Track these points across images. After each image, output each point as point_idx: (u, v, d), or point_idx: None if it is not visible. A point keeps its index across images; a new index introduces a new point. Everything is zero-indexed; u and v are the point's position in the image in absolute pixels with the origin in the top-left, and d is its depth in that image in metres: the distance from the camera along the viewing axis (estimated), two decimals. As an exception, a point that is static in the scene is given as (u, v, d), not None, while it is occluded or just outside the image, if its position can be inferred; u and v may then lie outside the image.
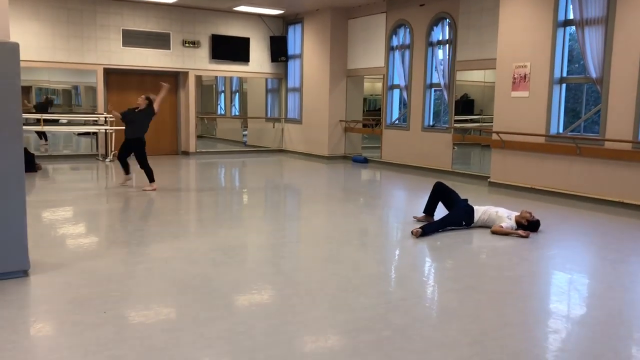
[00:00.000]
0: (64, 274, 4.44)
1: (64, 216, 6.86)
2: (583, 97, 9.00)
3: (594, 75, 7.96)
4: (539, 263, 5.19)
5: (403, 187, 9.82)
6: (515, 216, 6.10)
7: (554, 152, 8.48)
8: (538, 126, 8.68)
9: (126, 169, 8.96)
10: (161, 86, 9.08)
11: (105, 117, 12.41)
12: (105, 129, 12.38)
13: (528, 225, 6.01)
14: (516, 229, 5.97)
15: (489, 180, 9.56)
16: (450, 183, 9.86)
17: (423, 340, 3.34)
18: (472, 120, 12.56)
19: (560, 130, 8.63)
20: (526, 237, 5.82)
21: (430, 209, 6.60)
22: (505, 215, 6.10)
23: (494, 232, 5.99)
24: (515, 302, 4.07)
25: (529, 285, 4.53)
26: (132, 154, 8.76)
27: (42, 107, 12.68)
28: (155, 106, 8.90)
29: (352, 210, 7.61)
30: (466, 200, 6.46)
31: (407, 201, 8.74)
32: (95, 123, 12.59)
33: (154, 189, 8.55)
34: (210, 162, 13.01)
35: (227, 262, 4.94)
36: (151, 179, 8.64)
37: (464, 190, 9.07)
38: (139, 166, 8.72)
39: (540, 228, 6.09)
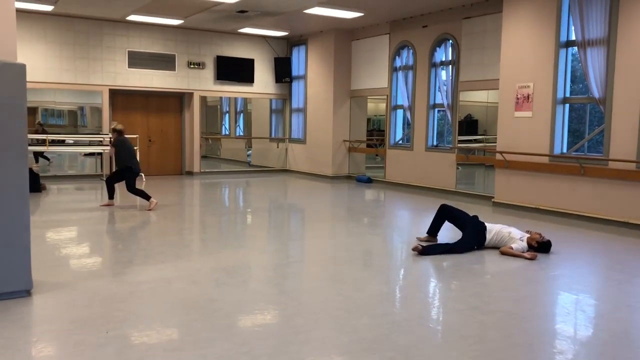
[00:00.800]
0: (66, 294, 4.44)
1: (68, 236, 6.87)
2: (586, 117, 9.02)
3: (597, 95, 7.98)
4: (544, 283, 5.16)
5: (407, 207, 9.81)
6: (527, 238, 6.07)
7: (558, 172, 8.47)
8: (542, 146, 8.69)
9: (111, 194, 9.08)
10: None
11: (111, 139, 12.47)
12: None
13: (538, 247, 5.97)
14: (527, 250, 5.93)
15: (492, 200, 9.55)
16: (454, 203, 9.85)
17: (427, 361, 3.31)
18: (476, 141, 12.57)
19: (564, 150, 8.63)
20: (532, 259, 5.77)
21: (434, 229, 6.59)
22: (518, 237, 6.05)
23: (502, 253, 5.95)
24: (520, 323, 4.03)
25: (534, 306, 4.50)
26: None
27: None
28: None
29: (356, 230, 7.59)
30: (476, 217, 6.40)
31: (411, 221, 8.71)
32: (100, 143, 12.66)
33: (156, 203, 8.73)
34: (215, 182, 13.04)
35: (230, 283, 4.92)
36: (147, 198, 8.76)
37: (468, 211, 9.07)
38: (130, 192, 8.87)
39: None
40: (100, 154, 12.94)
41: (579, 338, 3.84)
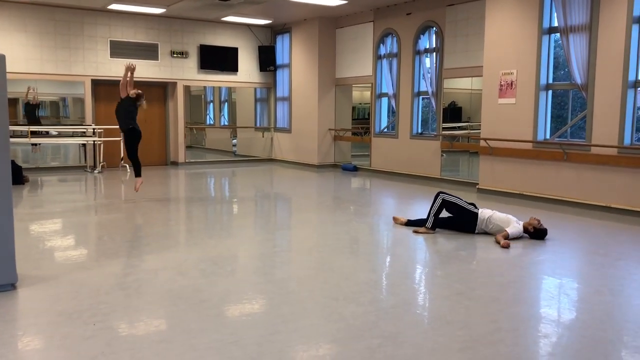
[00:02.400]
0: (52, 287, 4.41)
1: (52, 228, 6.81)
2: (569, 103, 9.10)
3: (579, 81, 8.05)
4: (528, 268, 5.22)
5: (393, 195, 9.85)
6: (524, 222, 6.09)
7: (541, 158, 8.56)
8: (525, 132, 8.76)
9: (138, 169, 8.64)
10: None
11: (94, 129, 12.36)
12: (94, 141, 12.32)
13: (534, 232, 6.01)
14: (523, 234, 5.98)
15: (477, 186, 9.62)
16: (438, 190, 9.93)
17: (414, 347, 3.34)
18: (460, 128, 12.64)
19: (547, 137, 8.71)
20: (505, 247, 5.73)
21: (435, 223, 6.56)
22: (514, 220, 6.08)
23: (497, 242, 5.89)
24: (506, 308, 4.09)
25: (519, 291, 4.56)
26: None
27: (30, 110, 12.59)
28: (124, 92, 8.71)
29: (342, 219, 7.61)
30: (473, 204, 6.45)
31: (397, 208, 8.75)
32: (83, 135, 12.52)
33: (141, 182, 8.60)
34: (200, 172, 12.99)
35: (218, 273, 4.92)
36: (138, 174, 8.57)
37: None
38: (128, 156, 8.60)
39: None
40: (83, 145, 12.80)
41: (562, 321, 3.90)
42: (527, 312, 4.07)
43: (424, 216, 6.58)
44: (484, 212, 6.27)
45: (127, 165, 12.60)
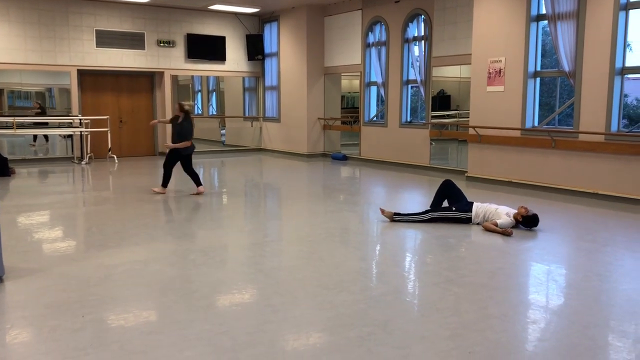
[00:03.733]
0: (40, 279, 4.37)
1: (40, 220, 6.75)
2: (557, 90, 9.13)
3: (567, 68, 8.08)
4: (517, 255, 5.26)
5: (382, 184, 9.86)
6: (514, 214, 6.06)
7: (530, 146, 8.59)
8: (513, 120, 8.79)
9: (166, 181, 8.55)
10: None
11: (81, 119, 12.24)
12: (81, 132, 12.21)
13: (523, 221, 6.00)
14: (514, 226, 5.98)
15: (466, 174, 9.65)
16: (428, 178, 9.97)
17: (404, 334, 3.36)
18: (449, 116, 12.66)
19: (536, 124, 8.75)
20: (508, 235, 5.76)
21: (437, 204, 6.57)
22: (504, 213, 6.05)
23: (485, 229, 5.94)
24: (495, 294, 4.11)
25: (508, 277, 4.59)
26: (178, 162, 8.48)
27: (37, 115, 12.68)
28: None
29: (332, 208, 7.61)
30: (471, 203, 6.41)
31: (387, 197, 8.77)
32: (70, 125, 12.40)
33: (201, 192, 8.39)
34: (189, 163, 12.88)
35: (207, 263, 4.91)
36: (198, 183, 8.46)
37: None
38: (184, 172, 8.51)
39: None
40: (70, 136, 12.68)
41: (551, 307, 3.93)
42: (516, 299, 4.10)
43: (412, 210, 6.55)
44: (477, 207, 6.25)
45: (115, 157, 12.51)
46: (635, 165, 7.39)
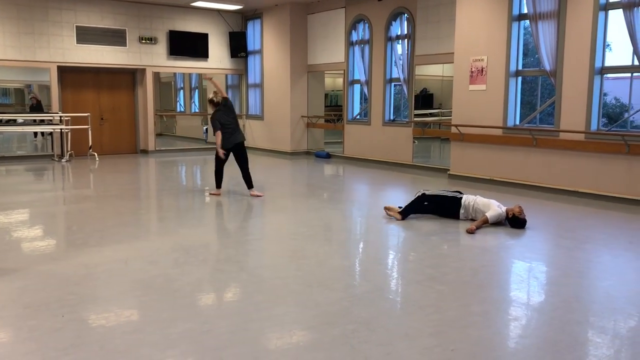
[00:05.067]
0: (19, 279, 4.31)
1: (19, 219, 6.64)
2: (538, 89, 9.23)
3: (548, 67, 8.16)
4: (498, 252, 5.30)
5: (366, 182, 9.88)
6: (507, 208, 6.09)
7: (511, 144, 8.67)
8: (495, 119, 8.86)
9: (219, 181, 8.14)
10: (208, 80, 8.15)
11: (61, 117, 12.07)
12: (61, 129, 12.05)
13: (512, 220, 6.00)
14: (504, 219, 6.02)
15: (448, 172, 9.71)
16: (410, 176, 10.02)
17: (387, 332, 3.37)
18: (431, 114, 12.73)
19: (517, 122, 8.83)
20: (470, 232, 5.77)
21: (407, 213, 6.48)
22: (495, 205, 6.09)
23: (469, 231, 5.82)
24: (477, 292, 4.14)
25: (490, 275, 4.63)
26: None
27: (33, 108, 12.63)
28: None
29: (316, 206, 7.61)
30: (457, 192, 6.46)
31: (370, 195, 8.79)
32: (50, 123, 12.23)
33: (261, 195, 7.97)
34: (171, 161, 12.82)
35: (190, 262, 4.87)
36: (251, 185, 8.05)
37: (424, 184, 9.21)
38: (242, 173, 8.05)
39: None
40: (50, 133, 12.50)
41: (532, 304, 3.97)
42: (498, 296, 4.13)
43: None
44: (468, 198, 6.27)
45: (96, 155, 12.37)
46: (614, 164, 7.50)
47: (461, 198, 6.31)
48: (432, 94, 13.57)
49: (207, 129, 16.35)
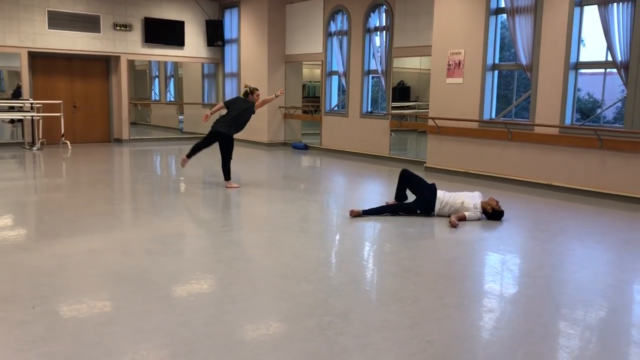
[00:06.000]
0: (-12, 269, 4.20)
1: (-12, 208, 6.48)
2: (514, 83, 9.31)
3: (524, 62, 8.24)
4: (473, 245, 5.35)
5: (342, 174, 9.88)
6: (482, 202, 6.08)
7: (487, 137, 8.75)
8: (472, 112, 8.92)
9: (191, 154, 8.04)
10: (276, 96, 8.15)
11: (32, 104, 11.79)
12: (32, 116, 11.77)
13: (492, 213, 6.01)
14: (482, 216, 6.03)
15: (425, 165, 9.76)
16: (387, 169, 10.05)
17: (363, 324, 3.37)
18: (408, 107, 12.77)
19: (493, 116, 8.90)
20: (453, 226, 5.77)
21: (400, 196, 6.50)
22: (472, 205, 6.03)
23: (451, 224, 5.79)
24: (452, 284, 4.18)
25: (465, 267, 4.66)
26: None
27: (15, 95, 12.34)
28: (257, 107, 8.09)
29: (292, 197, 7.58)
30: (433, 185, 6.36)
31: (347, 187, 8.79)
32: (21, 110, 11.94)
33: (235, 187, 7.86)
34: (146, 150, 12.65)
35: (164, 253, 4.81)
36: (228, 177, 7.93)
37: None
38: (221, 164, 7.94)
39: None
40: (21, 120, 12.21)
41: (506, 296, 4.02)
42: (473, 288, 4.17)
43: (379, 204, 6.47)
44: (444, 195, 6.19)
45: (68, 143, 12.13)
46: (587, 158, 7.62)
47: (436, 193, 6.24)
48: (409, 86, 13.61)
49: (182, 118, 16.19)
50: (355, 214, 6.10)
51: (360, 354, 2.97)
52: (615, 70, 7.44)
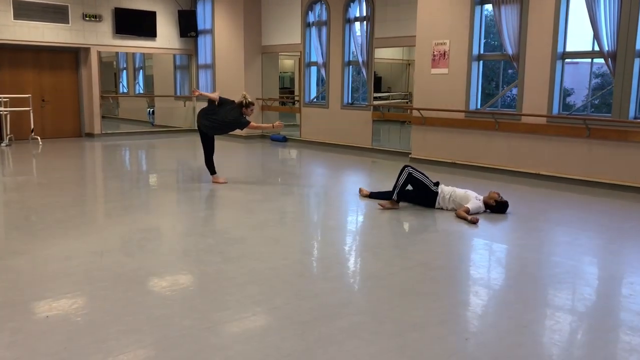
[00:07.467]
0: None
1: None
2: (500, 73, 9.34)
3: (510, 52, 8.25)
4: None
5: (324, 165, 9.75)
6: (484, 197, 6.02)
7: (474, 128, 8.76)
8: (457, 102, 8.91)
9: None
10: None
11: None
12: (-1, 111, 11.25)
13: (496, 206, 5.96)
14: (484, 210, 5.96)
15: (410, 156, 9.71)
16: (370, 160, 9.98)
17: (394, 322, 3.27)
18: (381, 98, 12.71)
19: (479, 106, 8.91)
20: (474, 222, 5.59)
21: (400, 194, 6.31)
22: (474, 196, 5.98)
23: (458, 216, 5.76)
24: (468, 277, 4.12)
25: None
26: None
27: None
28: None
29: (284, 191, 7.42)
30: (437, 185, 6.21)
31: (330, 179, 8.67)
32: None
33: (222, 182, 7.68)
34: (118, 144, 12.24)
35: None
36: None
37: (385, 167, 9.20)
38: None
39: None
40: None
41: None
42: (490, 281, 4.12)
43: (389, 189, 6.36)
44: (444, 191, 6.12)
45: (38, 138, 11.64)
46: (574, 147, 7.70)
47: (437, 192, 6.16)
48: (381, 77, 13.55)
49: (153, 111, 15.78)
50: (364, 194, 6.56)
51: (400, 356, 2.87)
52: (602, 59, 7.51)
